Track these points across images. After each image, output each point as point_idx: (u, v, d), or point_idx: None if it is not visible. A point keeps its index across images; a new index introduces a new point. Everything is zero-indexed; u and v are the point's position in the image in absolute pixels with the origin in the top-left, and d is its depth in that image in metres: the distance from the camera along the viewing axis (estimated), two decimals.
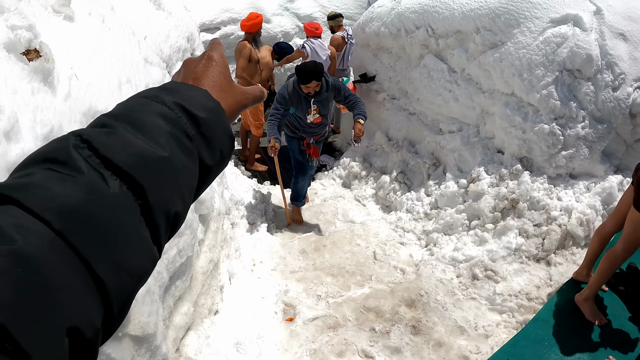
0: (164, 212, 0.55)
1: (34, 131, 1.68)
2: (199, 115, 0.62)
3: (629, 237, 3.32)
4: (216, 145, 0.65)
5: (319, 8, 10.91)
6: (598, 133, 4.50)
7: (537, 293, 4.00)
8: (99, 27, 2.71)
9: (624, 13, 4.69)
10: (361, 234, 4.97)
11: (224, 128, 0.68)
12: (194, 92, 0.66)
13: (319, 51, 7.04)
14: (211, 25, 10.00)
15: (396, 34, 6.03)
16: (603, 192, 4.46)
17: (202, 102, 0.65)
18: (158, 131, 0.57)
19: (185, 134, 0.60)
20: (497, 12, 4.85)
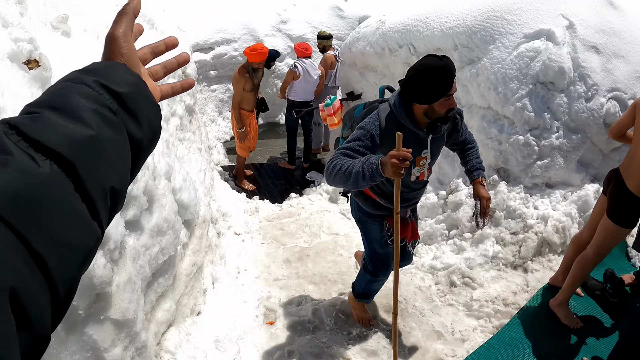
0: (99, 187, 0.60)
1: None
2: (120, 90, 0.69)
3: (599, 243, 3.57)
4: (142, 117, 0.72)
5: (311, 29, 11.37)
6: (573, 143, 4.84)
7: (514, 299, 4.29)
8: (94, 43, 3.07)
9: (597, 27, 5.07)
10: (344, 244, 5.28)
11: (148, 99, 0.75)
12: (113, 69, 0.73)
13: (311, 71, 7.43)
14: (205, 45, 10.39)
15: (381, 53, 6.42)
16: (579, 200, 4.78)
17: (122, 77, 0.72)
18: (82, 110, 0.62)
19: (109, 109, 0.66)
20: (473, 29, 5.25)
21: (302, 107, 7.61)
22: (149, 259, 2.92)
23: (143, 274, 2.84)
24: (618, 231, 3.48)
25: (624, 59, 5.06)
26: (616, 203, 3.46)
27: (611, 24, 5.16)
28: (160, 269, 3.12)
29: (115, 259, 2.44)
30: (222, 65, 10.56)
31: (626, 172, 3.41)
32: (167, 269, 3.23)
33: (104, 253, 2.28)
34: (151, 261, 2.94)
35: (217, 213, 4.96)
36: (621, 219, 3.44)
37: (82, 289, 2.06)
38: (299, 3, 12.00)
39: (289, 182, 7.64)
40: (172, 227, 3.21)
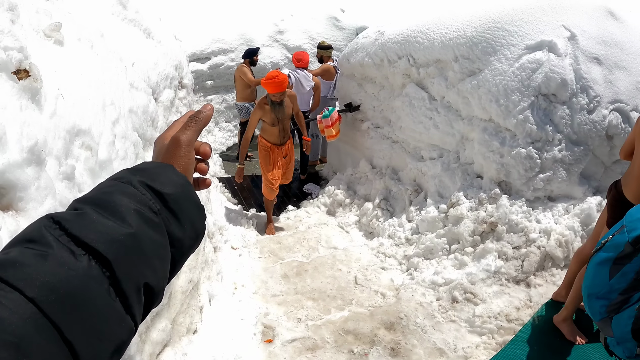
0: (134, 283, 0.62)
1: (20, 143, 1.90)
2: (164, 191, 0.71)
3: None
4: (185, 218, 0.73)
5: (308, 40, 11.34)
6: (575, 155, 4.77)
7: (517, 314, 4.20)
8: (87, 52, 2.98)
9: (599, 38, 5.01)
10: (343, 259, 5.18)
11: (192, 201, 0.77)
12: (160, 170, 0.75)
13: (303, 82, 7.37)
14: (202, 55, 10.36)
15: (379, 64, 6.36)
16: (582, 214, 4.70)
17: (168, 178, 0.74)
18: (124, 209, 0.65)
19: (150, 209, 0.68)
20: (474, 40, 5.18)
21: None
22: None
23: None
24: None
25: (626, 70, 5.00)
26: (615, 213, 3.39)
27: (613, 35, 5.11)
28: None
29: None
30: (218, 75, 10.51)
31: (625, 181, 3.36)
32: None
33: None
34: None
35: (213, 227, 4.86)
36: None
37: None
38: (296, 13, 11.97)
39: (286, 195, 7.54)
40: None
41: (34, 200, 1.84)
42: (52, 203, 1.90)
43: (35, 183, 1.86)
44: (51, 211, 1.91)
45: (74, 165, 2.20)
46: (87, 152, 2.33)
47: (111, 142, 2.57)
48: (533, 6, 5.27)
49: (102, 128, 2.56)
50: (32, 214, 1.83)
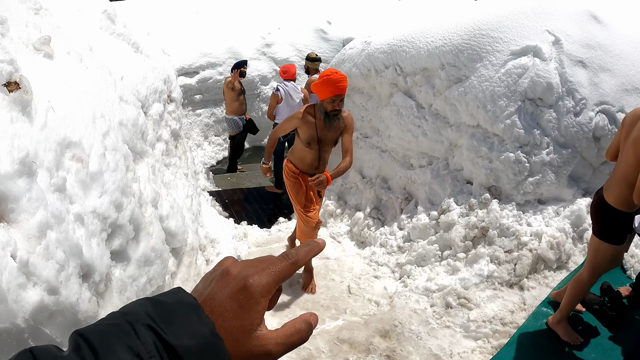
0: None
1: (11, 155, 1.92)
2: (172, 342, 0.56)
3: (592, 263, 3.52)
4: None
5: (295, 52, 11.43)
6: (563, 158, 4.83)
7: (512, 317, 4.23)
8: (77, 66, 3.01)
9: (583, 41, 5.10)
10: (335, 269, 5.19)
11: (215, 357, 0.57)
12: (180, 309, 0.59)
13: (293, 94, 7.42)
14: (190, 69, 10.42)
15: (367, 74, 6.41)
16: (572, 215, 4.75)
17: (186, 323, 0.58)
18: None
19: None
20: (460, 48, 5.25)
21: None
22: (137, 290, 2.82)
23: None
24: (607, 249, 3.41)
25: (611, 73, 5.08)
26: (599, 220, 3.43)
27: (596, 38, 5.20)
28: None
29: (101, 292, 2.33)
30: (207, 89, 10.56)
31: (607, 185, 3.38)
32: None
33: (88, 286, 2.17)
34: (139, 292, 2.84)
35: (205, 240, 4.86)
36: (606, 236, 3.39)
37: (66, 325, 1.96)
38: (283, 26, 12.08)
39: (277, 207, 7.55)
40: (160, 257, 3.11)
41: (25, 211, 1.85)
42: (43, 214, 1.91)
43: (26, 194, 1.87)
44: (43, 223, 1.93)
45: (65, 177, 2.21)
46: (77, 164, 2.35)
47: (102, 154, 2.59)
48: (517, 12, 5.35)
49: (93, 140, 2.58)
50: (24, 225, 1.84)
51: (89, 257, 2.17)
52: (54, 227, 1.96)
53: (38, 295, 1.77)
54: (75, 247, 2.05)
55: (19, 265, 1.71)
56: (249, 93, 10.21)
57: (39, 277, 1.80)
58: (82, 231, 2.20)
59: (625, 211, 3.27)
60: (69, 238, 2.02)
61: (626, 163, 3.17)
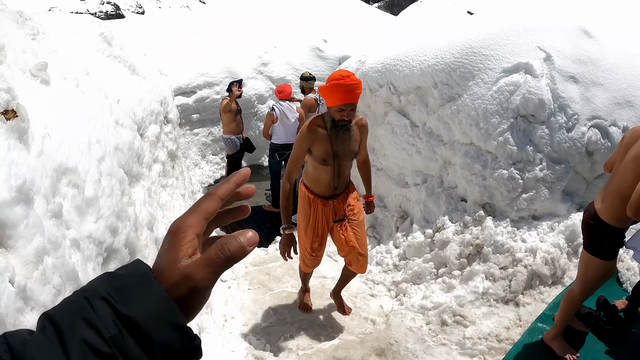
0: None
1: (8, 183, 1.97)
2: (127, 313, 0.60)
3: (583, 278, 3.53)
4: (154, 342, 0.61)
5: (292, 71, 11.53)
6: (556, 173, 4.89)
7: (507, 334, 4.26)
8: (73, 91, 3.07)
9: (574, 57, 5.18)
10: (332, 287, 5.22)
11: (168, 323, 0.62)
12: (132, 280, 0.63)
13: (288, 114, 7.49)
14: (187, 89, 10.49)
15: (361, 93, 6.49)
16: (567, 230, 4.79)
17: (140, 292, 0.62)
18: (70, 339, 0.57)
19: (101, 338, 0.58)
20: (452, 66, 5.34)
21: (283, 149, 7.64)
22: None
23: None
24: (598, 264, 3.42)
25: (602, 87, 5.16)
26: (590, 235, 3.44)
27: (587, 52, 5.28)
28: None
29: None
30: (204, 108, 10.63)
31: (599, 200, 3.39)
32: None
33: None
34: None
35: None
36: (598, 251, 3.41)
37: None
38: (279, 45, 12.19)
39: (274, 226, 7.59)
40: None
41: (23, 238, 1.91)
42: (40, 240, 1.96)
43: (24, 221, 1.92)
44: (40, 249, 1.98)
45: (62, 203, 2.27)
46: (73, 190, 2.40)
47: (97, 180, 2.64)
48: (508, 30, 5.44)
49: (88, 166, 2.64)
50: (22, 251, 1.89)
51: (85, 282, 2.22)
52: (51, 252, 2.01)
53: (35, 319, 1.82)
54: (71, 272, 2.10)
55: (16, 291, 1.76)
56: (246, 112, 10.29)
57: (36, 302, 1.85)
58: (78, 256, 2.25)
59: (618, 226, 3.30)
60: (65, 263, 2.07)
61: (622, 178, 3.18)
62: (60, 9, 15.15)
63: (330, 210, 4.11)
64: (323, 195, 4.07)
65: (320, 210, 4.10)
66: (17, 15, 3.47)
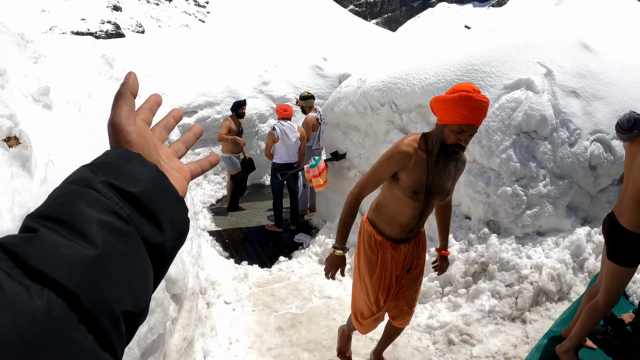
0: (108, 314, 0.52)
1: (12, 212, 1.97)
2: (133, 190, 0.61)
3: (608, 289, 3.53)
4: (163, 216, 0.63)
5: (292, 89, 11.59)
6: (560, 189, 4.88)
7: (515, 352, 4.22)
8: (76, 115, 3.08)
9: (574, 71, 5.21)
10: (337, 308, 5.19)
11: (168, 194, 0.66)
12: (126, 162, 0.64)
13: (289, 133, 7.50)
14: (188, 109, 10.55)
15: (363, 112, 6.52)
16: (572, 246, 4.79)
17: (136, 171, 0.63)
18: (85, 223, 0.54)
19: (118, 217, 0.58)
20: (453, 84, 5.35)
21: (285, 169, 7.64)
22: (138, 339, 2.84)
23: (132, 356, 2.76)
24: (623, 272, 3.45)
25: (604, 100, 5.18)
26: (614, 243, 3.46)
27: (587, 67, 5.31)
28: (149, 349, 3.03)
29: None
30: (205, 128, 10.68)
31: (618, 210, 3.44)
32: (157, 348, 3.14)
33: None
34: (140, 342, 2.86)
35: (205, 282, 4.88)
36: (622, 259, 3.42)
37: None
38: (279, 64, 12.28)
39: (277, 246, 7.57)
40: (161, 305, 3.14)
41: None
42: None
43: None
44: None
45: None
46: None
47: None
48: (508, 46, 5.47)
49: None
50: None
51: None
52: None
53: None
54: None
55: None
56: (247, 131, 10.33)
57: None
58: None
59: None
60: None
61: (635, 185, 3.26)
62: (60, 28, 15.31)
63: (401, 257, 3.35)
64: (394, 238, 3.30)
65: (390, 256, 3.32)
66: (19, 38, 3.49)
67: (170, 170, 0.74)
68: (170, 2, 23.77)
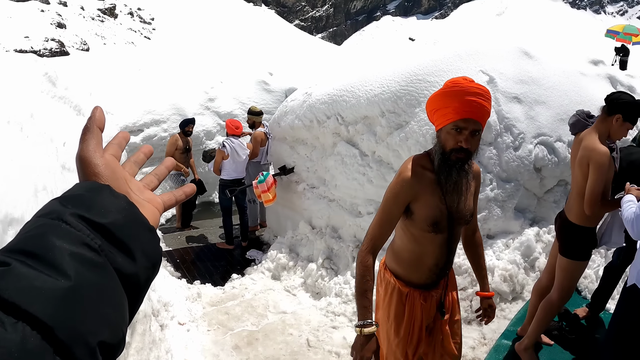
0: (84, 346, 0.52)
1: None
2: (103, 222, 0.61)
3: (561, 284, 3.66)
4: (135, 246, 0.63)
5: (239, 105, 11.55)
6: (507, 192, 5.01)
7: (473, 354, 4.30)
8: (17, 135, 2.98)
9: (516, 77, 5.39)
10: (293, 323, 5.16)
11: (139, 224, 0.66)
12: (96, 194, 0.64)
13: (239, 150, 7.45)
14: (134, 127, 10.36)
15: (309, 125, 6.54)
16: (522, 246, 4.92)
17: (106, 203, 0.64)
18: (57, 256, 0.54)
19: (90, 248, 0.57)
20: (398, 94, 5.44)
21: (233, 185, 7.58)
22: None
23: None
24: (575, 266, 3.59)
25: (545, 105, 5.37)
26: (564, 239, 3.61)
27: (529, 73, 5.50)
28: None
29: None
30: (152, 146, 10.49)
31: (567, 206, 3.61)
32: None
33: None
34: None
35: (158, 304, 4.78)
36: (573, 253, 3.56)
37: None
38: (225, 80, 12.21)
39: (229, 263, 7.47)
40: None
41: None
42: None
43: None
44: None
45: None
46: None
47: None
48: (451, 56, 5.61)
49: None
50: None
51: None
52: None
53: None
54: None
55: None
56: (194, 149, 10.21)
57: None
58: None
59: (587, 226, 3.50)
60: None
61: (576, 182, 3.43)
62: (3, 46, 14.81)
63: (433, 305, 2.68)
64: (424, 284, 2.63)
65: (419, 307, 2.63)
66: None
67: (141, 202, 0.75)
68: (115, 19, 23.35)
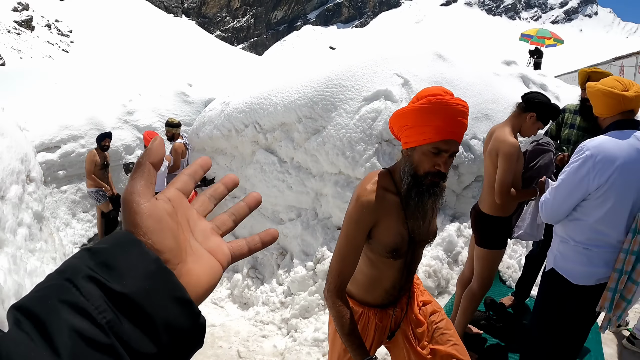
0: None
1: None
2: (120, 290, 0.50)
3: (481, 274, 3.74)
4: (159, 322, 0.52)
5: (158, 117, 11.31)
6: None
7: None
8: None
9: (430, 79, 5.55)
10: (222, 335, 5.11)
11: (168, 294, 0.53)
12: (119, 250, 0.53)
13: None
14: (50, 144, 9.96)
15: (228, 135, 6.53)
16: (443, 242, 5.07)
17: (131, 264, 0.53)
18: (56, 328, 0.47)
19: (94, 324, 0.48)
20: (314, 100, 5.51)
21: None
22: None
23: None
24: (492, 255, 3.68)
25: None
26: (479, 230, 3.72)
27: (443, 74, 5.68)
28: None
29: None
30: (70, 164, 10.14)
31: (480, 198, 3.73)
32: None
33: None
34: None
35: None
36: (488, 242, 3.67)
37: None
38: (144, 92, 11.95)
39: None
40: None
41: None
42: None
43: None
44: None
45: None
46: None
47: None
48: (366, 60, 5.73)
49: None
50: None
51: None
52: None
53: None
54: None
55: None
56: (114, 164, 9.94)
57: None
58: None
59: (501, 216, 3.59)
60: None
61: (487, 173, 3.54)
62: None
63: (388, 324, 2.42)
64: (380, 304, 2.38)
65: (373, 328, 2.39)
66: None
67: (200, 254, 0.62)
68: (32, 32, 22.48)
